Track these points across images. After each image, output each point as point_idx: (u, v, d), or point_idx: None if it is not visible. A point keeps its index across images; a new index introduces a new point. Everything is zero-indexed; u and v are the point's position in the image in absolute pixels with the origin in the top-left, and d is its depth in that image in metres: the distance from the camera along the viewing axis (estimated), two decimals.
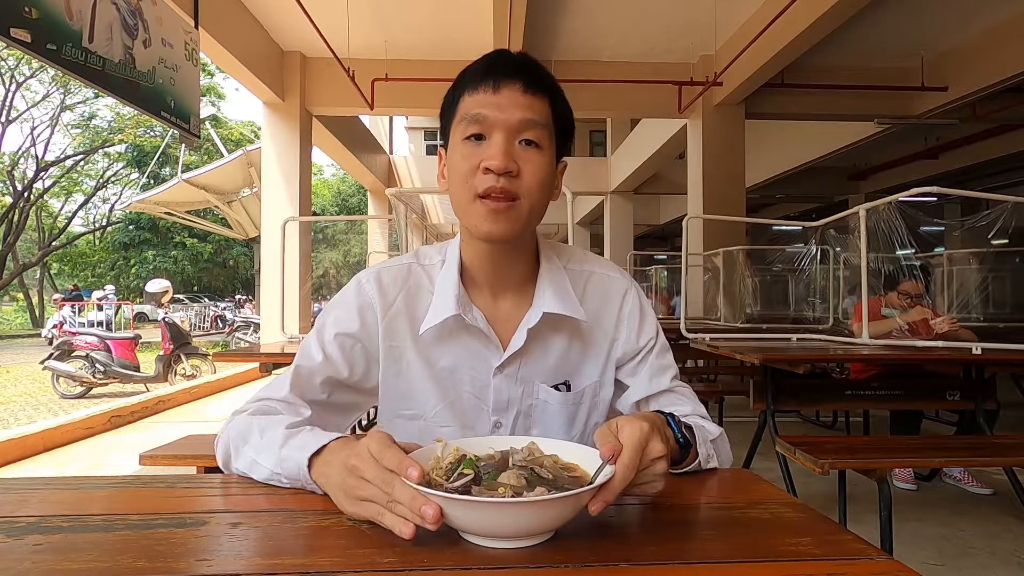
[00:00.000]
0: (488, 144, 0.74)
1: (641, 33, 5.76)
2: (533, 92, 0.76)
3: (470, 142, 0.75)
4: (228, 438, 0.74)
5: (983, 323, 4.74)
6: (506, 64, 0.76)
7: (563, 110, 0.79)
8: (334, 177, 28.18)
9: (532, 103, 0.75)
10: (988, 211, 2.94)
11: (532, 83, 0.76)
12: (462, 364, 0.82)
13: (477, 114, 0.74)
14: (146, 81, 3.30)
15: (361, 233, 19.59)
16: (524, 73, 0.75)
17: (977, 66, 5.56)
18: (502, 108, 0.74)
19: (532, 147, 0.75)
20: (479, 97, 0.75)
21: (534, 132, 0.75)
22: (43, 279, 21.94)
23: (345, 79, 5.43)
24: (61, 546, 0.51)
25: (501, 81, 0.74)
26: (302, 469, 0.64)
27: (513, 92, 0.74)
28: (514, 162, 0.74)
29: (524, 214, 0.76)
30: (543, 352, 0.84)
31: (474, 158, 0.75)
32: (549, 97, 0.77)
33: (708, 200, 6.30)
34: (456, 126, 0.77)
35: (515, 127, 0.74)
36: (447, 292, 0.81)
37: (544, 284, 0.83)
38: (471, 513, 0.50)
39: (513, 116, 0.74)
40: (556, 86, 0.79)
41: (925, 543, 2.30)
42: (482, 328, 0.81)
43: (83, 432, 4.07)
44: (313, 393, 0.81)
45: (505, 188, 0.73)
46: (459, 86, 0.78)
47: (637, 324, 0.88)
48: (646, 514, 0.61)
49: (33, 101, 17.47)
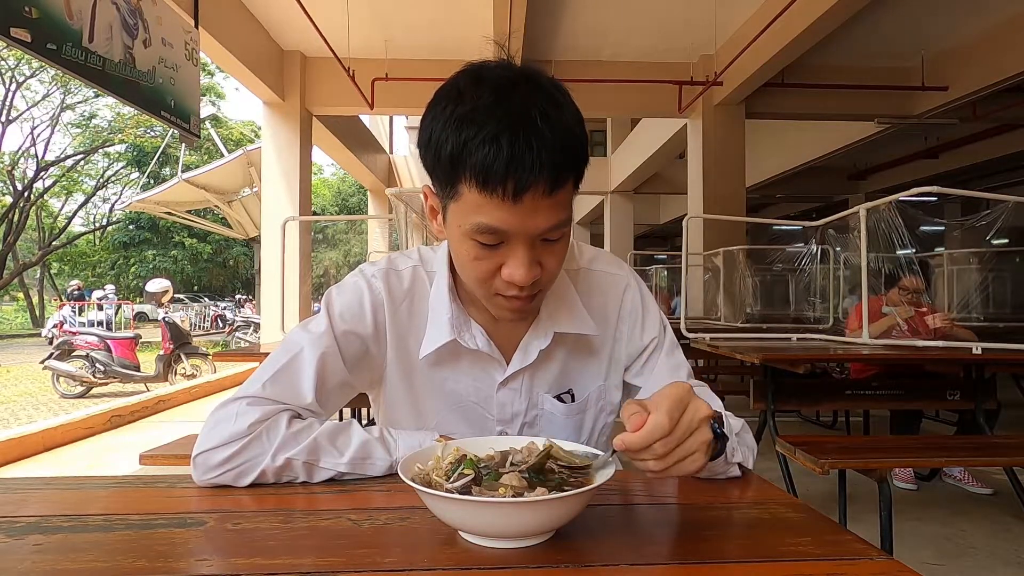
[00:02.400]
0: (505, 251, 0.65)
1: (641, 33, 5.76)
2: (561, 185, 0.62)
3: (481, 244, 0.64)
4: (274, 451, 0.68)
5: (983, 323, 4.75)
6: (527, 154, 0.58)
7: (584, 162, 0.65)
8: (334, 177, 28.19)
9: (558, 199, 0.62)
10: (988, 211, 2.95)
11: (560, 177, 0.61)
12: (465, 379, 0.80)
13: (491, 227, 0.62)
14: (146, 81, 3.30)
15: (361, 233, 19.63)
16: (552, 165, 0.59)
17: (977, 66, 5.56)
18: (523, 220, 0.61)
19: (555, 241, 0.66)
20: (491, 205, 0.60)
21: (559, 231, 0.65)
22: (43, 279, 21.94)
23: (345, 79, 5.42)
24: (61, 546, 0.51)
25: (524, 188, 0.59)
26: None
27: (537, 199, 0.60)
28: (538, 266, 0.66)
29: (545, 294, 0.73)
30: (546, 363, 0.80)
31: (490, 261, 0.66)
32: (575, 173, 0.64)
33: (708, 200, 6.29)
34: (458, 212, 0.64)
35: (539, 234, 0.64)
36: (441, 315, 0.77)
37: (550, 299, 0.78)
38: (471, 513, 0.50)
39: (538, 227, 0.62)
40: (581, 144, 0.63)
41: (925, 543, 2.30)
42: (482, 349, 0.77)
43: (83, 432, 4.07)
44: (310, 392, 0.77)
45: (529, 292, 0.68)
46: (459, 160, 0.60)
47: (640, 321, 0.84)
48: (646, 514, 0.61)
49: (33, 101, 17.50)
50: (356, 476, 0.70)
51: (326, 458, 0.69)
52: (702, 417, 0.55)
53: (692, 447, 0.54)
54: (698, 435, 0.55)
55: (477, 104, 0.60)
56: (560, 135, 0.60)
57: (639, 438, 0.52)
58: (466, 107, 0.60)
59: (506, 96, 0.60)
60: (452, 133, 0.60)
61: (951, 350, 2.51)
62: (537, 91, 0.62)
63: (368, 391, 0.85)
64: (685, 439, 0.54)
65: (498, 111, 0.59)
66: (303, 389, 0.73)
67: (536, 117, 0.59)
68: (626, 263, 0.90)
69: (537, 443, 0.61)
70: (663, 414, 0.52)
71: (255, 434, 0.68)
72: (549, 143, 0.59)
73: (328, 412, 0.78)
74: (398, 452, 0.71)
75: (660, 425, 0.52)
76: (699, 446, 0.55)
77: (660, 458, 0.53)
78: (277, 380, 0.73)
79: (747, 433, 0.76)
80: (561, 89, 0.65)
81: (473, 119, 0.59)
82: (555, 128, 0.60)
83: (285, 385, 0.73)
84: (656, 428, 0.52)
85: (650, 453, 0.53)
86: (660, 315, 0.86)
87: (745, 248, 5.52)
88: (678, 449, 0.54)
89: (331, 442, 0.70)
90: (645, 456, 0.54)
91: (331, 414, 0.80)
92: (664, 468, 0.54)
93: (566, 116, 0.62)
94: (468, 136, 0.59)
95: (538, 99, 0.61)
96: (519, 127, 0.58)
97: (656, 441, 0.52)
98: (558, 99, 0.63)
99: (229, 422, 0.68)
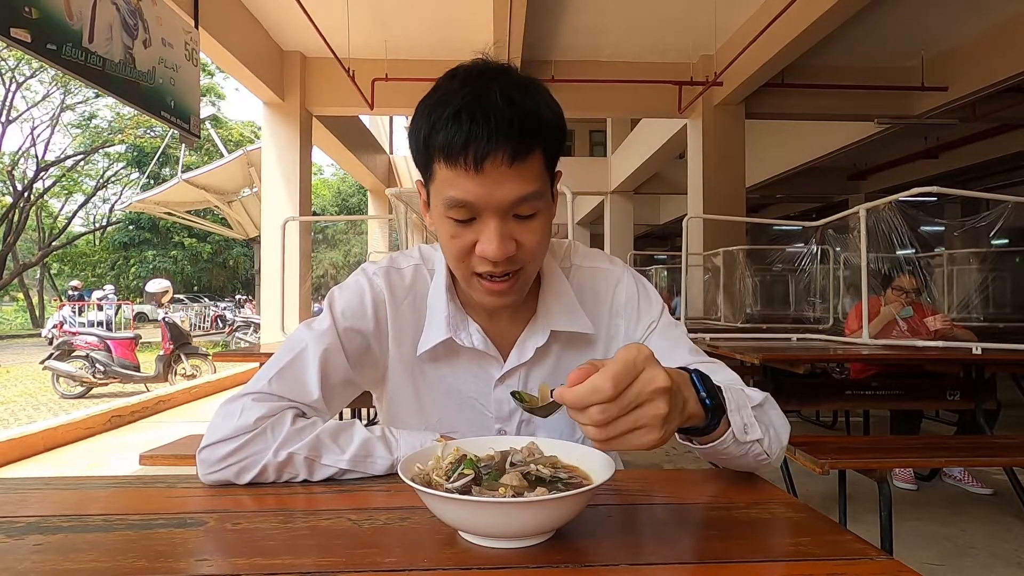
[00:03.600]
0: (478, 227, 0.67)
1: (641, 33, 5.76)
2: (523, 156, 0.63)
3: (455, 221, 0.67)
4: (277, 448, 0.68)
5: (983, 323, 4.75)
6: (485, 125, 0.61)
7: (555, 141, 0.67)
8: (334, 177, 28.21)
9: (523, 171, 0.64)
10: (988, 211, 2.95)
11: (521, 147, 0.63)
12: (462, 377, 0.81)
13: (459, 200, 0.64)
14: (146, 81, 3.30)
15: (361, 233, 19.63)
16: (509, 135, 0.62)
17: (977, 66, 5.56)
18: (489, 191, 0.64)
19: (529, 218, 0.68)
20: (458, 179, 0.64)
21: (529, 205, 0.66)
22: (43, 279, 21.95)
23: (345, 79, 5.43)
24: (61, 546, 0.51)
25: (482, 157, 0.62)
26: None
27: (499, 168, 0.62)
28: (511, 241, 0.67)
29: (527, 280, 0.73)
30: (543, 361, 0.81)
31: (464, 239, 0.68)
32: (541, 147, 0.65)
33: (708, 200, 6.30)
34: (435, 192, 0.68)
35: (507, 207, 0.65)
36: (438, 313, 0.78)
37: (547, 296, 0.79)
38: (471, 513, 0.50)
39: (504, 198, 0.64)
40: (546, 121, 0.65)
41: (925, 543, 2.29)
42: (478, 347, 0.78)
43: (83, 432, 4.07)
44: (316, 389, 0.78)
45: (505, 269, 0.68)
46: (430, 141, 0.65)
47: (635, 312, 0.83)
48: (646, 514, 0.61)
49: (33, 101, 17.51)
50: (357, 475, 0.70)
51: (328, 455, 0.69)
52: (656, 388, 0.50)
53: (640, 419, 0.50)
54: (649, 408, 0.50)
55: (446, 91, 0.65)
56: (520, 112, 0.63)
57: (573, 395, 0.48)
58: (437, 95, 0.66)
59: (472, 81, 0.65)
60: (424, 119, 0.66)
61: (951, 350, 2.51)
62: (504, 77, 0.65)
63: (372, 389, 0.86)
64: (631, 410, 0.49)
65: (461, 92, 0.64)
66: (308, 386, 0.74)
67: (496, 96, 0.62)
68: (622, 260, 0.90)
69: (538, 443, 0.61)
70: (606, 378, 0.48)
71: (260, 429, 0.68)
72: (507, 117, 0.62)
73: (332, 410, 0.78)
74: (399, 451, 0.71)
75: (599, 389, 0.47)
76: (650, 420, 0.50)
77: (599, 426, 0.49)
78: (282, 377, 0.74)
79: (772, 408, 0.70)
80: (535, 82, 0.68)
81: (440, 102, 0.64)
82: (516, 106, 0.63)
83: (290, 382, 0.74)
84: (594, 392, 0.48)
85: (587, 417, 0.49)
86: (659, 302, 0.84)
87: (745, 248, 5.52)
88: (622, 420, 0.49)
89: (333, 439, 0.70)
90: (583, 420, 0.49)
91: (335, 412, 0.80)
92: (606, 439, 0.50)
93: (530, 99, 0.64)
94: (436, 117, 0.64)
95: (503, 84, 0.64)
96: (478, 104, 0.62)
97: (592, 405, 0.48)
98: (526, 86, 0.65)
99: (234, 417, 0.69)
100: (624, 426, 0.50)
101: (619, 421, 0.49)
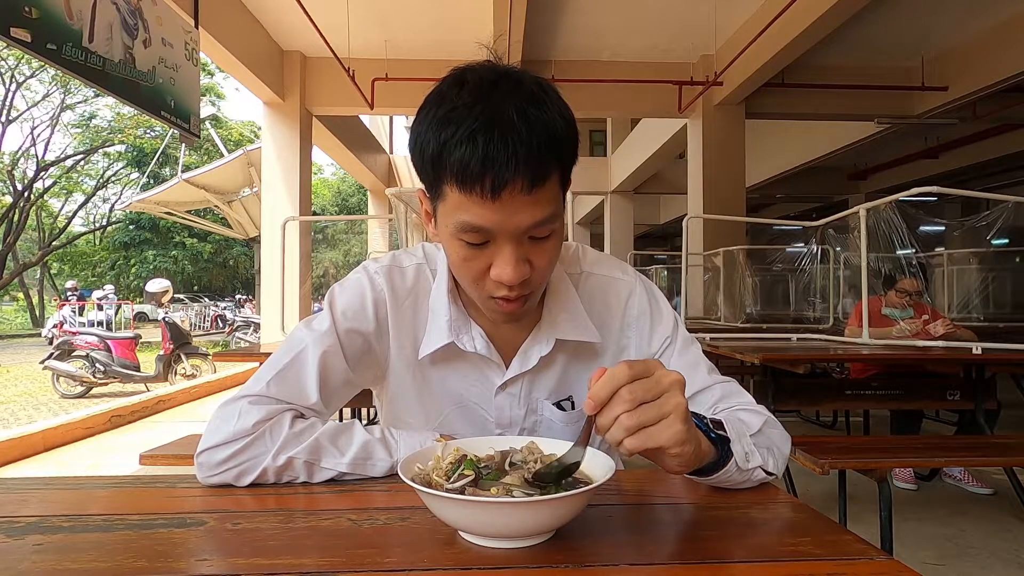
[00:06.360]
0: (492, 250, 0.65)
1: (641, 33, 5.76)
2: (541, 182, 0.61)
3: (468, 244, 0.65)
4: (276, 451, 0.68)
5: (983, 323, 4.75)
6: (503, 150, 0.58)
7: (570, 153, 0.65)
8: (334, 177, 28.19)
9: (540, 196, 0.61)
10: (988, 211, 2.95)
11: (539, 172, 0.60)
12: (465, 380, 0.79)
13: (475, 225, 0.62)
14: (146, 81, 3.30)
15: (361, 233, 19.63)
16: (528, 162, 0.58)
17: (977, 66, 5.56)
18: (506, 217, 0.61)
19: (544, 239, 0.66)
20: (473, 205, 0.61)
21: (545, 228, 0.64)
22: (43, 279, 21.95)
23: (345, 79, 5.43)
24: (61, 546, 0.51)
25: (501, 185, 0.59)
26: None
27: (516, 195, 0.60)
28: (526, 264, 0.65)
29: (539, 294, 0.72)
30: (547, 370, 0.79)
31: (479, 261, 0.66)
32: (559, 166, 0.63)
33: (708, 200, 6.29)
34: (444, 213, 0.65)
35: (523, 231, 0.63)
36: (440, 315, 0.76)
37: (553, 304, 0.78)
38: (471, 513, 0.50)
39: (521, 223, 0.62)
40: (561, 135, 0.62)
41: (925, 543, 2.29)
42: (480, 352, 0.76)
43: (83, 432, 4.07)
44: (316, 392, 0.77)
45: (520, 292, 0.67)
46: (440, 161, 0.61)
47: (649, 325, 0.81)
48: (646, 514, 0.61)
49: (33, 101, 17.48)
50: (357, 477, 0.70)
51: (327, 458, 0.69)
52: (673, 380, 0.53)
53: (664, 407, 0.52)
54: (670, 397, 0.53)
55: (456, 104, 0.60)
56: (539, 132, 0.59)
57: (598, 385, 0.51)
58: (446, 108, 0.61)
59: (484, 95, 0.60)
60: (433, 135, 0.61)
61: (951, 350, 2.51)
62: (517, 89, 0.61)
63: (372, 387, 0.85)
64: (655, 395, 0.52)
65: (475, 110, 0.59)
66: (307, 388, 0.73)
67: (512, 114, 0.59)
68: (633, 268, 0.88)
69: (538, 443, 0.61)
70: (621, 365, 0.52)
71: (258, 433, 0.68)
72: (525, 140, 0.58)
73: (331, 410, 0.78)
74: (399, 453, 0.71)
75: (617, 373, 0.51)
76: (673, 408, 0.52)
77: (630, 408, 0.51)
78: (281, 379, 0.73)
79: (771, 428, 0.70)
80: (546, 88, 0.64)
81: (452, 119, 0.60)
82: (533, 125, 0.59)
83: (289, 384, 0.73)
84: (612, 377, 0.51)
85: (619, 404, 0.51)
86: (673, 316, 0.83)
87: (745, 248, 5.52)
88: (647, 407, 0.52)
89: (332, 442, 0.69)
90: (615, 409, 0.51)
91: (334, 412, 0.80)
92: (637, 424, 0.51)
93: (547, 113, 0.61)
94: (447, 136, 0.60)
95: (517, 97, 0.60)
96: (494, 124, 0.58)
97: (621, 387, 0.51)
98: (540, 97, 0.62)
99: (232, 420, 0.68)
100: (652, 412, 0.52)
101: (646, 407, 0.52)
